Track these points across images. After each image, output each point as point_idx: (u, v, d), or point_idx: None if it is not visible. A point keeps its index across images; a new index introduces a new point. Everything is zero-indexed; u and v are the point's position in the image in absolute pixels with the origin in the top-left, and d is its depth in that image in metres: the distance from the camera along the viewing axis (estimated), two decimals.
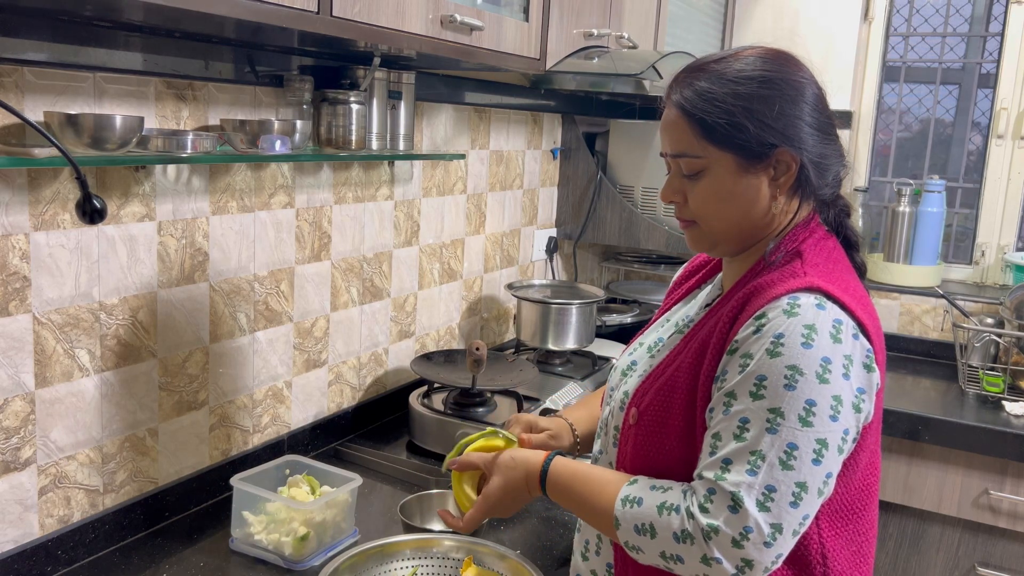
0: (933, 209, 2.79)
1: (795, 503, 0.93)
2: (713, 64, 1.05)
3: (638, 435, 1.08)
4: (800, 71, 1.06)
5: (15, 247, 1.20)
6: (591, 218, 2.65)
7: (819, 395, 0.94)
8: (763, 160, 1.03)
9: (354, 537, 1.45)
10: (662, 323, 1.25)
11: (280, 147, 1.41)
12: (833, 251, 1.08)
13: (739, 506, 0.92)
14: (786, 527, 0.93)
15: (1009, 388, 2.34)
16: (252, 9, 1.09)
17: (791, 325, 0.95)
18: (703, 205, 1.07)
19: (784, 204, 1.06)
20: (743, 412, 0.95)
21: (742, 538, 0.92)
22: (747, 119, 1.01)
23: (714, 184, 1.05)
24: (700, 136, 1.03)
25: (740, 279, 1.09)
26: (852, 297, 1.00)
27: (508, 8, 1.72)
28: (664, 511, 0.97)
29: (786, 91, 1.02)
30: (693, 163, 1.05)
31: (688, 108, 1.03)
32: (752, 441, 0.94)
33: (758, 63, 1.03)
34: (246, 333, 1.61)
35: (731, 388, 0.97)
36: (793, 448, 0.93)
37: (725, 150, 1.03)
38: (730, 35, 3.08)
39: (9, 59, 1.14)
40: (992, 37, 2.88)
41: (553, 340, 2.23)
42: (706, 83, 1.03)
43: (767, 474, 0.93)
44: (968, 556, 2.26)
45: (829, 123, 1.07)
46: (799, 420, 0.93)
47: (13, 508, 1.25)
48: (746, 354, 0.97)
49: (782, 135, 1.02)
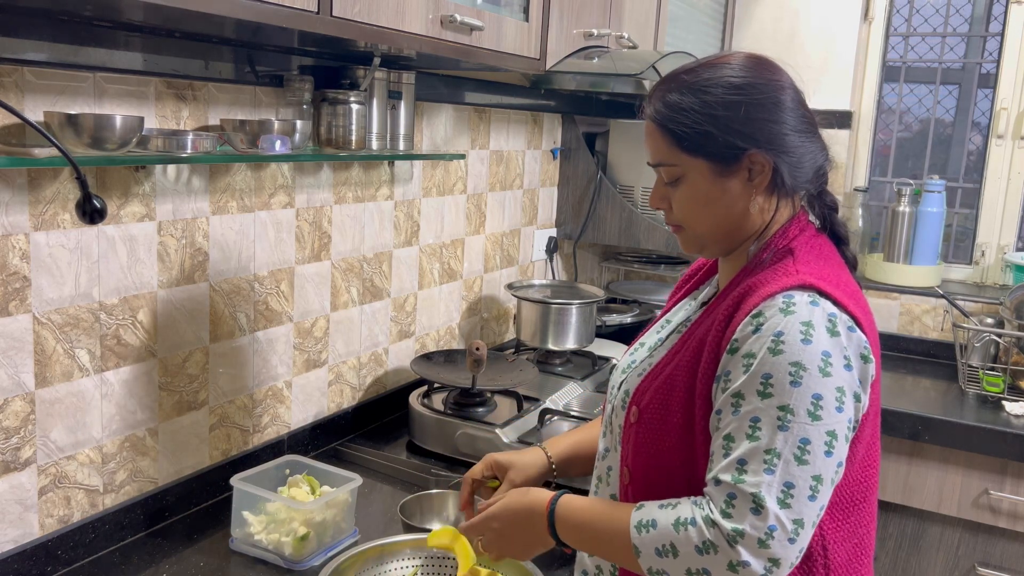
0: (933, 209, 2.79)
1: (812, 496, 0.95)
2: (684, 75, 1.09)
3: (639, 433, 1.10)
4: (773, 73, 1.08)
5: (15, 247, 1.20)
6: (591, 218, 2.65)
7: (824, 388, 0.95)
8: (734, 163, 1.06)
9: (354, 537, 1.45)
10: (663, 324, 1.27)
11: (280, 147, 1.41)
12: (824, 247, 1.11)
13: (761, 506, 0.93)
14: (806, 521, 0.95)
15: (1009, 388, 2.34)
16: (252, 9, 1.09)
17: (789, 323, 0.97)
18: (684, 210, 1.11)
19: (763, 203, 1.09)
20: (753, 411, 0.96)
21: (767, 537, 0.93)
22: (712, 126, 1.05)
23: (692, 190, 1.09)
24: (672, 145, 1.08)
25: (734, 278, 1.11)
26: (844, 293, 1.02)
27: (508, 8, 1.72)
28: (681, 527, 0.96)
29: (753, 95, 1.05)
30: (671, 171, 1.10)
31: (659, 120, 1.09)
32: (766, 440, 0.95)
33: (726, 70, 1.07)
34: (246, 333, 1.61)
35: (738, 388, 0.98)
36: (806, 443, 0.94)
37: (697, 157, 1.07)
38: (730, 35, 3.08)
39: (9, 59, 1.14)
40: (992, 37, 2.88)
41: (553, 340, 2.23)
42: (675, 95, 1.07)
43: (784, 471, 0.94)
44: (968, 556, 2.26)
45: (806, 121, 1.09)
46: (808, 415, 0.95)
47: (13, 508, 1.25)
48: (748, 353, 0.98)
49: (751, 138, 1.05)
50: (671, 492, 1.05)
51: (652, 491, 1.08)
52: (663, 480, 1.07)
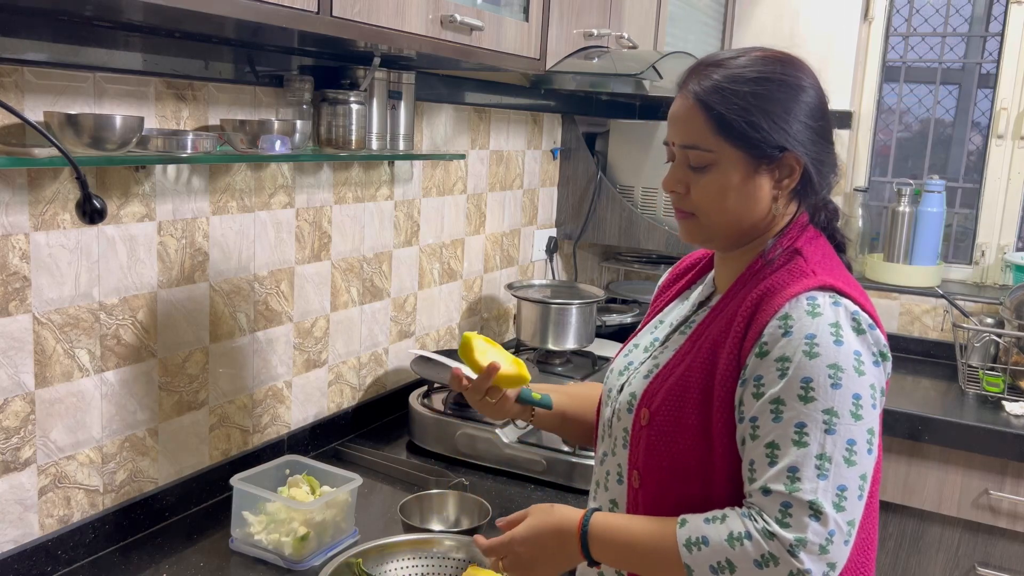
0: (933, 209, 2.79)
1: (860, 495, 0.96)
2: (732, 60, 1.06)
3: (651, 436, 1.08)
4: (808, 76, 1.07)
5: (15, 247, 1.20)
6: (591, 218, 2.65)
7: (861, 387, 0.96)
8: (771, 162, 1.05)
9: (354, 537, 1.45)
10: (655, 324, 1.24)
11: (280, 147, 1.41)
12: (826, 248, 1.11)
13: (820, 512, 0.93)
14: (856, 519, 0.96)
15: (1009, 388, 2.34)
16: (252, 9, 1.09)
17: (819, 325, 0.97)
18: (706, 198, 1.07)
19: (783, 207, 1.08)
20: (797, 417, 0.95)
21: (827, 542, 0.93)
22: (763, 119, 1.02)
23: (720, 179, 1.05)
24: (715, 130, 1.04)
25: (739, 277, 1.09)
26: (858, 292, 1.03)
27: (508, 8, 1.72)
28: (736, 542, 0.95)
29: (799, 95, 1.05)
30: (703, 156, 1.05)
31: (706, 100, 1.04)
32: (816, 445, 0.94)
33: (776, 66, 1.05)
34: (246, 333, 1.61)
35: (776, 394, 0.97)
36: (852, 444, 0.95)
37: (737, 147, 1.04)
38: (730, 35, 3.08)
39: (9, 59, 1.14)
40: (992, 37, 2.88)
41: (553, 340, 2.23)
42: (726, 79, 1.04)
43: (836, 474, 0.94)
44: (968, 556, 2.26)
45: (829, 130, 1.09)
46: (851, 416, 0.95)
47: (13, 508, 1.25)
48: (782, 357, 0.97)
49: (793, 139, 1.03)
50: (685, 494, 1.04)
51: (664, 494, 1.07)
52: (677, 482, 1.06)
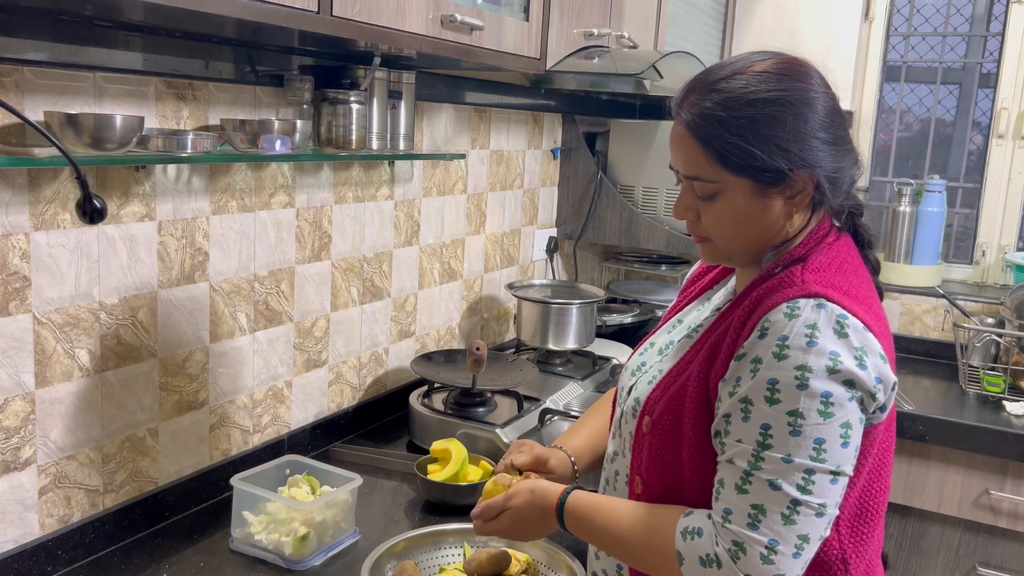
0: (933, 209, 2.79)
1: (834, 480, 0.96)
2: (723, 81, 1.01)
3: (652, 444, 1.09)
4: (813, 82, 1.03)
5: (15, 247, 1.20)
6: (591, 218, 2.65)
7: (832, 386, 0.94)
8: (779, 184, 1.01)
9: (354, 537, 1.45)
10: (674, 324, 1.24)
11: (280, 147, 1.41)
12: (841, 252, 1.06)
13: (795, 510, 0.95)
14: (830, 504, 0.96)
15: (1009, 388, 2.34)
16: (252, 9, 1.09)
17: (794, 326, 0.96)
18: (717, 226, 1.05)
19: (801, 220, 1.05)
20: (763, 418, 0.96)
21: (770, 552, 0.94)
22: (760, 146, 0.98)
23: (729, 207, 1.03)
24: (713, 161, 1.01)
25: (750, 284, 1.08)
26: (854, 299, 0.99)
27: (508, 8, 1.71)
28: (707, 565, 0.98)
29: (800, 109, 1.00)
30: (706, 187, 1.03)
31: (701, 133, 1.01)
32: (778, 447, 0.95)
33: (771, 81, 1.00)
34: (246, 333, 1.61)
35: (745, 393, 0.97)
36: (821, 442, 0.94)
37: (740, 175, 1.01)
38: (730, 35, 3.08)
39: (9, 59, 1.14)
40: (993, 37, 2.88)
41: (553, 340, 2.23)
42: (717, 106, 1.00)
43: (799, 471, 0.94)
44: (968, 556, 2.26)
45: (843, 133, 1.04)
46: (819, 415, 0.94)
47: (13, 508, 1.25)
48: (755, 359, 0.97)
49: (797, 157, 0.99)
50: (687, 502, 1.05)
51: (665, 501, 1.08)
52: (677, 490, 1.07)
